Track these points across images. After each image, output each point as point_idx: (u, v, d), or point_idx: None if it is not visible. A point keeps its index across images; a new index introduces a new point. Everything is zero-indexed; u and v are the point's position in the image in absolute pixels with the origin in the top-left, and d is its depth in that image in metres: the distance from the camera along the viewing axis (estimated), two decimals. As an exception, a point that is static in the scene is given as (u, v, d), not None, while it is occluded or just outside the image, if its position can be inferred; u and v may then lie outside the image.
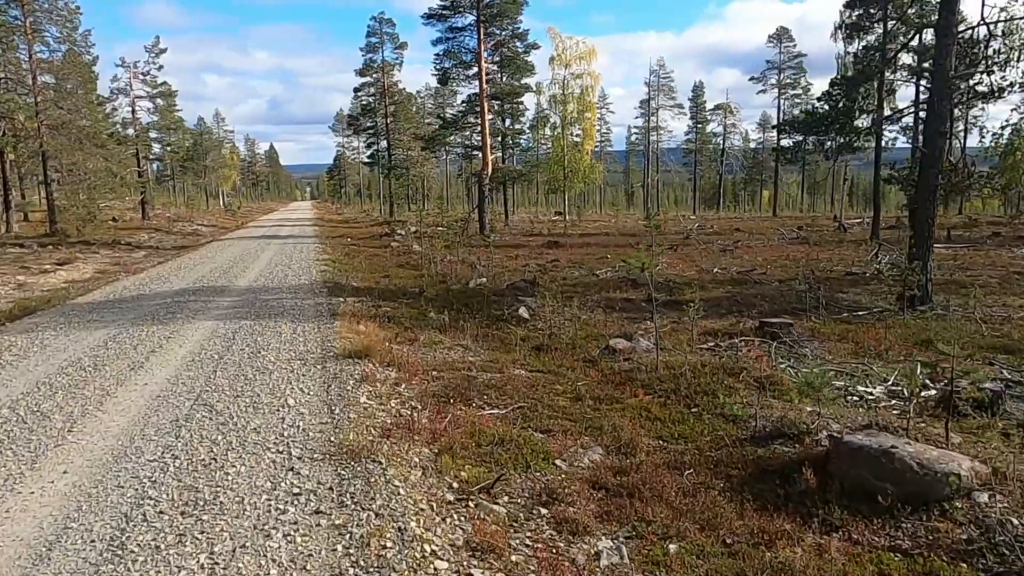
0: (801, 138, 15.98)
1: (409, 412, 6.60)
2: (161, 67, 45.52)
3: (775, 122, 65.76)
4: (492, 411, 6.95)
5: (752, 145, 60.69)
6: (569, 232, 34.10)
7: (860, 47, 30.54)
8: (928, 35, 25.37)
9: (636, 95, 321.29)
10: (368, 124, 46.71)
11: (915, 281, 13.38)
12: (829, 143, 14.76)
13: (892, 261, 22.45)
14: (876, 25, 27.94)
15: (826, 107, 15.07)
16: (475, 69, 32.22)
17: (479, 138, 35.81)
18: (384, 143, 46.56)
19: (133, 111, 45.22)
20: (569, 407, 7.21)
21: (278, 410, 6.57)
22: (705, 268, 21.32)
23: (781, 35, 47.87)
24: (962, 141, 39.48)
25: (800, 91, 49.86)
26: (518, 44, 33.89)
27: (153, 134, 49.65)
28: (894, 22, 27.30)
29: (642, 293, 16.71)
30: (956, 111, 18.36)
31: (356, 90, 45.84)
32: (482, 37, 30.93)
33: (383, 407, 6.77)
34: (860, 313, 14.23)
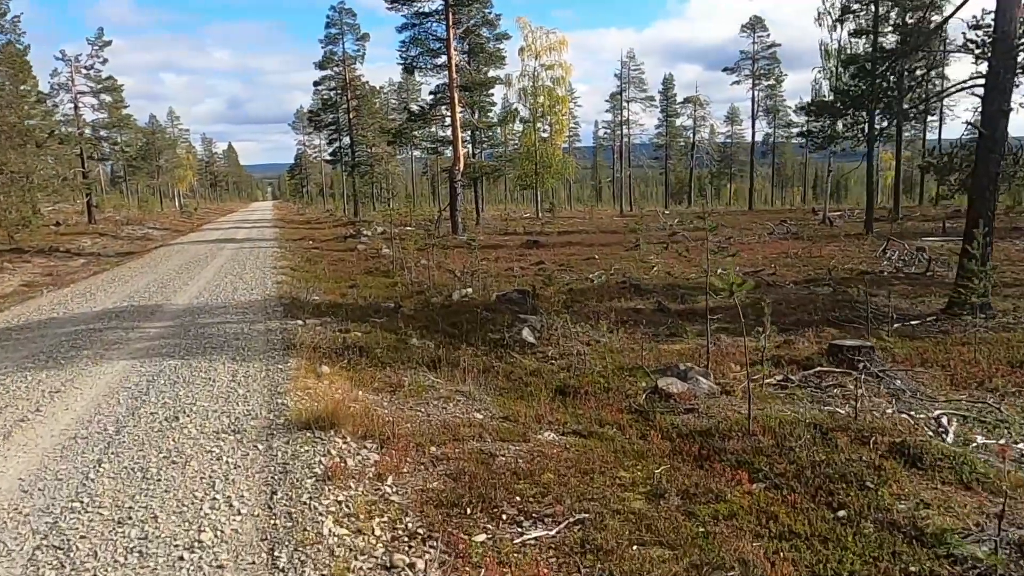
0: (824, 121, 13.59)
1: (407, 556, 3.82)
2: (105, 60, 41.57)
3: (743, 115, 63.99)
4: (537, 532, 4.23)
5: (720, 139, 58.72)
6: (546, 230, 31.46)
7: (851, 30, 28.47)
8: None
9: (599, 91, 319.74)
10: (329, 119, 43.34)
11: (988, 286, 11.02)
12: (869, 124, 12.31)
13: (904, 258, 20.32)
14: (866, 7, 25.73)
15: (862, 86, 12.60)
16: (443, 58, 29.30)
17: (447, 132, 32.90)
18: (347, 139, 43.28)
19: (76, 108, 41.21)
20: (651, 515, 4.51)
21: (180, 560, 3.75)
22: (707, 269, 18.83)
23: (755, 24, 45.61)
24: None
25: (774, 81, 47.88)
26: (486, 32, 31.03)
27: (102, 132, 45.67)
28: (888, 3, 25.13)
29: (649, 301, 14.17)
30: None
31: (316, 84, 42.44)
32: (451, 23, 28.01)
33: (363, 541, 3.99)
34: (913, 323, 11.87)
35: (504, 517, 4.40)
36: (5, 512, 4.36)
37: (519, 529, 4.26)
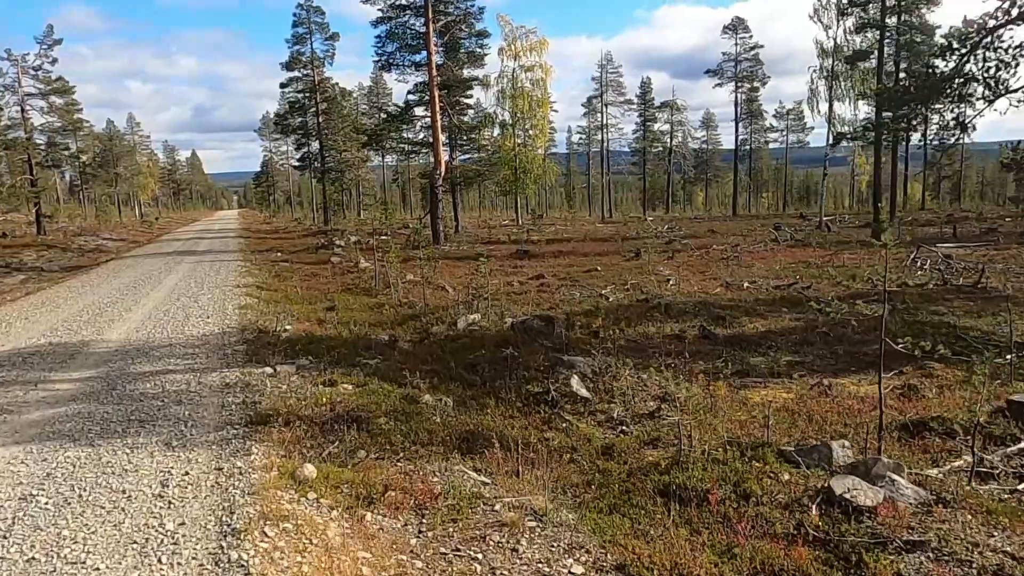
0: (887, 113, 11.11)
1: None
2: (55, 60, 37.75)
3: (719, 120, 62.07)
4: None
5: (695, 144, 56.47)
6: (533, 238, 28.72)
7: (849, 27, 26.39)
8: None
9: (567, 99, 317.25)
10: (297, 123, 39.94)
11: None
12: (958, 112, 9.89)
13: (940, 268, 18.03)
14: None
15: (949, 66, 10.14)
16: (421, 54, 26.45)
17: (425, 135, 30.04)
18: (316, 144, 39.97)
19: (23, 111, 37.32)
20: None
21: None
22: (730, 282, 16.30)
23: (737, 26, 43.22)
24: None
25: (758, 84, 45.69)
26: (464, 29, 28.14)
27: (56, 138, 41.74)
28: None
29: (688, 325, 11.53)
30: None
31: (283, 85, 38.99)
32: (431, 16, 25.17)
33: None
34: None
35: None
36: None
37: None
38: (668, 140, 50.78)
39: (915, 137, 33.31)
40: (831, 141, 23.34)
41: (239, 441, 5.39)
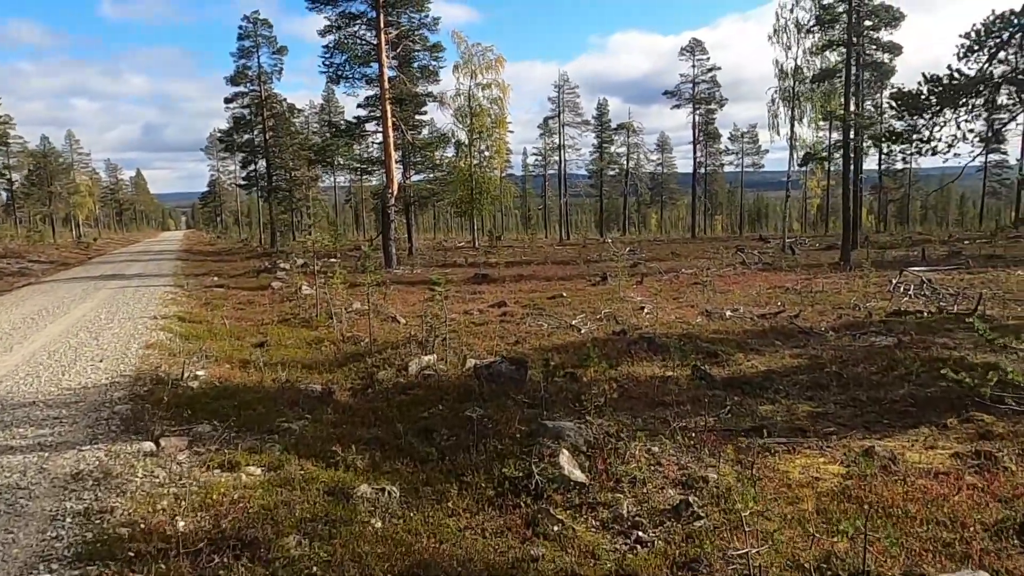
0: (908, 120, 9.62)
1: None
2: (-23, 71, 34.54)
3: (674, 143, 61.49)
4: None
5: (650, 167, 55.59)
6: (491, 261, 26.77)
7: (808, 48, 25.49)
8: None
9: (522, 122, 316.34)
10: (243, 140, 37.32)
11: None
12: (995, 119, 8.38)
13: (926, 293, 16.76)
14: (841, 17, 22.60)
15: (968, 72, 8.62)
16: (373, 67, 24.46)
17: (377, 152, 27.97)
18: (263, 162, 37.41)
19: (-60, 124, 34.02)
20: None
21: None
22: (711, 311, 14.59)
23: (694, 48, 42.35)
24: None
25: (715, 106, 44.83)
26: (417, 41, 26.25)
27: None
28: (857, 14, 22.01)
29: (676, 364, 9.66)
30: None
31: (228, 100, 36.36)
32: (382, 26, 23.23)
33: None
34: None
35: None
36: None
37: None
38: (625, 162, 49.68)
39: (873, 155, 32.56)
40: (799, 161, 22.12)
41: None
